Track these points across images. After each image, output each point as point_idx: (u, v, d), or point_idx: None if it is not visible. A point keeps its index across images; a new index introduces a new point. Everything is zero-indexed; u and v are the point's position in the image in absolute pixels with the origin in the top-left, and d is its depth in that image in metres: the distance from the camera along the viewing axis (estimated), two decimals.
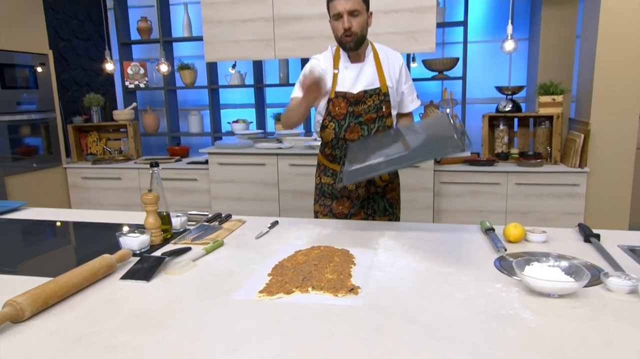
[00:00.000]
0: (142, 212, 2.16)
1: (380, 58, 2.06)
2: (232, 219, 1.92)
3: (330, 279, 1.28)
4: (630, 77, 3.15)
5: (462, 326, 1.03)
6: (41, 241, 1.88)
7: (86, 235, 1.93)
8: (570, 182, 3.27)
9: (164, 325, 1.08)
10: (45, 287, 1.18)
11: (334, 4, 1.91)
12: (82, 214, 2.19)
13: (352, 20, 1.90)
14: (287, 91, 4.75)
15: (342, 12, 1.89)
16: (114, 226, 1.94)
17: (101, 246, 1.71)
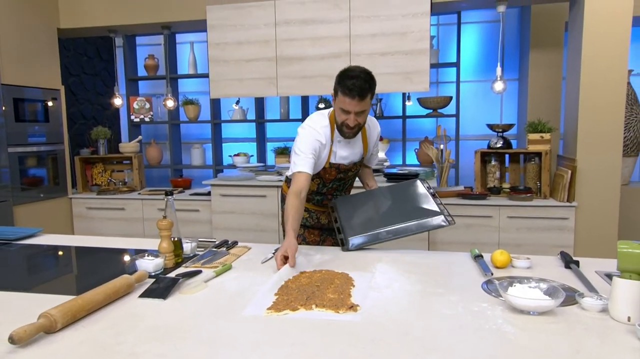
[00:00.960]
0: (148, 239, 2.31)
1: (367, 130, 2.24)
2: (238, 246, 2.05)
3: (332, 298, 1.41)
4: (612, 117, 3.34)
5: (449, 338, 1.16)
6: (58, 264, 2.00)
7: (99, 259, 2.05)
8: (560, 216, 3.42)
9: (182, 337, 1.20)
10: (75, 302, 1.30)
11: (344, 100, 1.97)
12: (94, 241, 2.30)
13: (358, 117, 2.01)
14: (287, 126, 4.97)
15: (350, 111, 1.99)
16: (123, 251, 2.06)
17: (113, 268, 1.83)
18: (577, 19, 3.46)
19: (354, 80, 1.95)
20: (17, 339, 1.13)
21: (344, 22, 3.63)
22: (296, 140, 2.14)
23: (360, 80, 1.95)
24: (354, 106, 1.97)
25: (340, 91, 1.99)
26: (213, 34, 3.90)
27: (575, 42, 3.51)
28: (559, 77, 4.24)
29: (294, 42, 3.74)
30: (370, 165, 2.43)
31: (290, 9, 3.71)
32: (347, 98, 1.96)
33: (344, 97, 1.97)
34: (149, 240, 2.30)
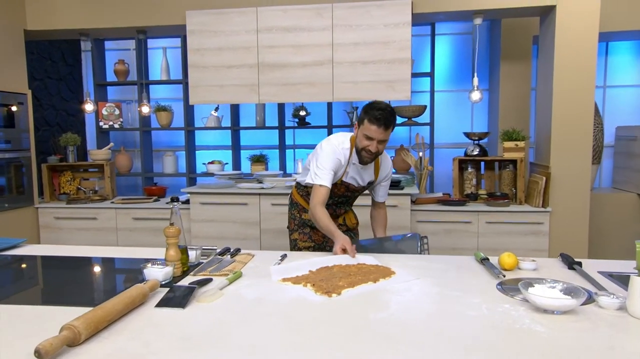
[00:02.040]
0: (139, 249, 2.24)
1: (380, 162, 2.44)
2: (241, 253, 2.02)
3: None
4: (581, 127, 3.51)
5: (486, 338, 1.18)
6: (58, 275, 1.90)
7: (98, 269, 1.97)
8: (535, 220, 3.55)
9: (216, 345, 1.16)
10: (95, 313, 1.24)
11: (370, 128, 2.16)
12: (84, 251, 2.21)
13: (379, 146, 2.21)
14: (264, 133, 4.94)
15: (374, 138, 2.17)
16: (124, 260, 1.98)
17: (117, 278, 1.76)
18: (548, 34, 3.63)
19: (381, 112, 2.15)
20: (44, 353, 1.07)
21: (327, 31, 3.65)
22: (319, 153, 2.32)
23: (386, 112, 2.16)
24: (378, 134, 2.16)
25: (367, 119, 2.18)
26: (193, 39, 3.83)
27: (546, 56, 3.68)
28: (527, 88, 4.42)
29: (276, 49, 3.73)
30: (379, 198, 2.57)
31: (272, 15, 3.71)
32: (373, 126, 2.15)
33: (370, 125, 2.16)
34: (140, 249, 2.23)
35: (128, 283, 1.73)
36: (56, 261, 2.04)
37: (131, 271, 1.93)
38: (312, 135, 5.01)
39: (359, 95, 3.67)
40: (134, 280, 1.67)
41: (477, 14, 3.67)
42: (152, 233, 4.02)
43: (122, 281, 1.85)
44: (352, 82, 3.66)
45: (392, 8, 3.56)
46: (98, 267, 2.00)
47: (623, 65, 4.70)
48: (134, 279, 1.70)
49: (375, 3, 3.58)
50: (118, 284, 1.81)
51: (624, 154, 4.48)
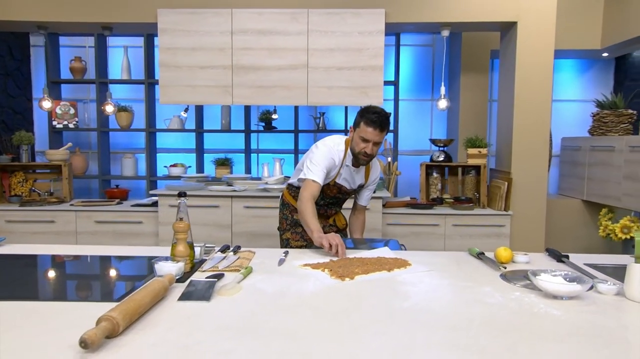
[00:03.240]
0: (126, 247, 2.17)
1: (370, 166, 2.52)
2: (242, 250, 2.01)
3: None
4: (539, 136, 3.77)
5: (514, 322, 1.26)
6: (62, 273, 1.81)
7: (99, 266, 1.90)
8: (497, 223, 3.75)
9: (257, 332, 1.17)
10: (128, 305, 1.21)
11: (367, 130, 2.23)
12: (62, 249, 2.11)
13: (374, 148, 2.28)
14: (229, 136, 4.90)
15: (370, 140, 2.24)
16: (124, 258, 1.92)
17: (128, 274, 1.71)
18: (509, 48, 3.88)
19: (377, 114, 2.24)
20: (90, 342, 1.04)
21: (302, 35, 3.71)
22: (314, 152, 2.37)
23: (382, 115, 2.24)
24: (374, 135, 2.23)
25: (363, 122, 2.25)
26: (164, 38, 3.76)
27: (507, 69, 3.92)
28: (485, 99, 4.68)
29: (251, 51, 3.73)
30: (362, 202, 2.65)
31: (247, 18, 3.71)
32: (369, 128, 2.22)
33: (367, 127, 2.23)
34: (126, 247, 2.16)
35: (136, 278, 1.68)
36: (46, 259, 1.94)
37: (133, 267, 1.87)
38: (276, 139, 5.03)
39: (333, 100, 3.75)
40: (142, 276, 1.63)
41: (444, 26, 3.85)
42: (115, 237, 3.88)
43: (134, 276, 1.80)
44: (326, 87, 3.73)
45: (366, 16, 3.67)
46: (103, 264, 1.93)
47: (566, 82, 5.09)
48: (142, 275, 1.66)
49: (350, 10, 3.68)
50: (126, 281, 1.75)
51: (569, 163, 4.83)
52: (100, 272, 1.87)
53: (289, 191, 2.66)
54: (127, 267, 1.93)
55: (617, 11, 4.50)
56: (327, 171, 2.34)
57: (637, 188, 4.06)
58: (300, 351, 1.08)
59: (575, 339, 1.15)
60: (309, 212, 2.20)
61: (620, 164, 4.26)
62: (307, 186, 2.29)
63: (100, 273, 1.87)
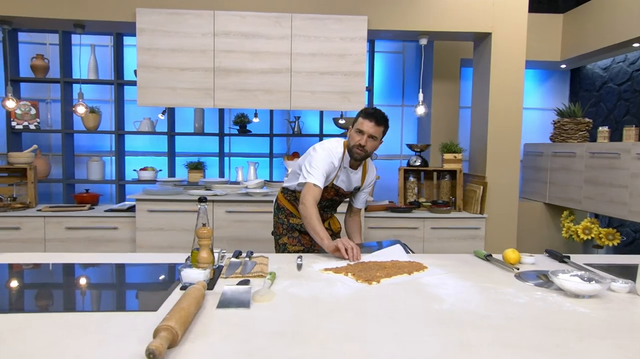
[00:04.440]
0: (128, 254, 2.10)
1: (367, 168, 2.55)
2: (255, 256, 1.99)
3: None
4: (512, 142, 3.96)
5: (552, 319, 1.33)
6: (76, 283, 1.72)
7: (115, 274, 1.82)
8: (473, 226, 3.90)
9: (314, 336, 1.17)
10: (180, 313, 1.18)
11: (363, 122, 2.30)
12: (55, 257, 2.01)
13: (369, 141, 2.31)
14: (200, 140, 4.81)
15: (365, 132, 2.29)
16: (138, 265, 1.86)
17: (148, 282, 1.65)
18: (483, 58, 4.04)
19: (373, 109, 2.35)
20: (158, 353, 1.01)
21: (285, 39, 3.70)
22: (313, 155, 2.37)
23: (380, 112, 2.34)
24: (369, 127, 2.29)
25: (361, 116, 2.34)
26: (143, 38, 3.65)
27: (481, 78, 4.08)
28: (456, 105, 4.85)
29: (233, 54, 3.69)
30: (358, 204, 2.67)
31: (229, 20, 3.67)
32: (366, 120, 2.30)
33: (363, 120, 2.31)
34: (128, 254, 2.08)
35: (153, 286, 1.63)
36: (57, 268, 1.84)
37: (148, 275, 1.81)
38: (249, 143, 4.98)
39: (315, 104, 3.77)
40: (162, 283, 1.59)
41: (422, 34, 3.97)
42: (88, 244, 3.71)
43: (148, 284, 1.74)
44: (309, 91, 3.74)
45: (349, 23, 3.72)
46: (115, 273, 1.85)
47: (527, 91, 5.35)
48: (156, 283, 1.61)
49: (333, 17, 3.72)
50: (150, 288, 1.70)
51: (532, 168, 5.08)
52: (116, 280, 1.80)
53: (284, 195, 2.65)
54: (141, 275, 1.87)
55: (575, 27, 4.80)
56: (327, 175, 2.36)
57: (597, 192, 4.33)
58: (367, 354, 1.09)
59: (617, 334, 1.22)
60: (315, 219, 2.20)
61: (581, 169, 4.52)
62: (309, 190, 2.29)
63: (117, 281, 1.80)
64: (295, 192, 2.54)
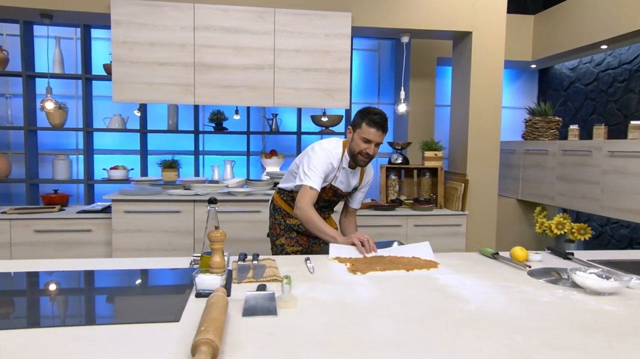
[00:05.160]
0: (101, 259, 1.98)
1: (364, 168, 2.51)
2: (261, 259, 1.91)
3: None
4: (492, 140, 4.02)
5: (583, 318, 1.33)
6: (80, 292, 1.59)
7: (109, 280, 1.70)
8: (454, 223, 3.94)
9: (361, 343, 1.12)
10: (213, 324, 1.10)
11: (369, 131, 2.23)
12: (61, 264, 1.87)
13: (375, 148, 2.28)
14: (174, 137, 4.65)
15: (372, 141, 2.25)
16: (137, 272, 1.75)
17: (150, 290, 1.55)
18: (463, 56, 4.09)
19: (378, 116, 2.25)
20: None
21: (269, 35, 3.62)
22: (311, 155, 2.32)
23: (383, 117, 2.27)
24: (377, 136, 2.25)
25: (365, 123, 2.25)
26: (118, 30, 3.47)
27: (461, 76, 4.13)
28: (432, 104, 4.89)
29: (215, 49, 3.57)
30: (354, 205, 2.63)
31: (211, 14, 3.54)
32: (372, 129, 2.24)
33: (369, 129, 2.24)
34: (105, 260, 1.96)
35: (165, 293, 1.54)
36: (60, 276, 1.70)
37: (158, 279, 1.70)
38: (224, 141, 4.85)
39: (299, 101, 3.70)
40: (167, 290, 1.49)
41: (404, 32, 3.97)
42: (60, 247, 3.51)
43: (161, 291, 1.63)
44: (293, 88, 3.67)
45: (333, 19, 3.67)
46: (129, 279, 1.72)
47: None
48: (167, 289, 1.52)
49: (317, 12, 3.66)
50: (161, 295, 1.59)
51: (504, 165, 5.19)
52: (121, 289, 1.68)
53: (280, 196, 2.58)
54: (145, 282, 1.76)
55: (546, 28, 4.93)
56: (325, 176, 2.33)
57: (569, 188, 4.46)
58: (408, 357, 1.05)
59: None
60: (318, 220, 2.23)
61: (554, 166, 4.65)
62: (306, 193, 2.27)
63: (122, 290, 1.68)
64: (292, 193, 2.48)
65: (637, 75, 4.44)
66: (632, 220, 3.78)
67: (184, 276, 1.73)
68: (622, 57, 4.61)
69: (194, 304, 1.40)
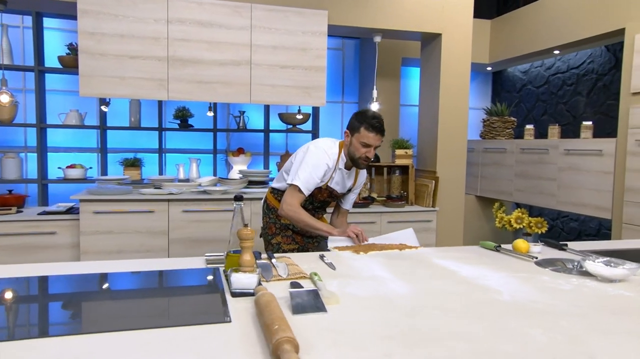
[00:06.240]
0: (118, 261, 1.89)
1: (359, 171, 2.56)
2: (277, 256, 1.88)
3: None
4: (459, 139, 4.17)
5: (608, 304, 1.41)
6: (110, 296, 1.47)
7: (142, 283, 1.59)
8: (426, 219, 4.05)
9: (426, 337, 1.13)
10: (283, 322, 1.07)
11: (369, 136, 2.25)
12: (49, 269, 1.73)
13: (374, 151, 2.32)
14: (134, 134, 4.46)
15: (372, 145, 2.28)
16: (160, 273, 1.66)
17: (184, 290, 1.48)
18: (432, 57, 4.21)
19: (377, 119, 2.28)
20: None
21: (245, 30, 3.55)
22: (305, 155, 2.33)
23: (381, 120, 2.30)
24: (376, 140, 2.29)
25: (364, 128, 2.27)
26: (85, 21, 3.27)
27: (430, 77, 4.25)
28: (397, 103, 5.00)
29: (189, 43, 3.46)
30: (347, 206, 2.67)
31: (185, 7, 3.42)
32: (372, 133, 2.26)
33: (369, 133, 2.26)
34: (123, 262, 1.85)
35: None
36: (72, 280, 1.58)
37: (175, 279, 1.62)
38: (188, 139, 4.71)
39: (276, 99, 3.66)
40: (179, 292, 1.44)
41: (376, 32, 4.03)
42: (19, 252, 3.27)
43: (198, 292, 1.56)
44: (270, 85, 3.63)
45: (310, 17, 3.66)
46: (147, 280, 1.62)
47: None
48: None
49: (293, 9, 3.63)
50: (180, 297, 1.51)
51: None
52: (147, 291, 1.59)
53: (274, 196, 2.57)
54: (169, 283, 1.67)
55: (503, 33, 5.18)
56: (320, 177, 2.33)
57: (527, 184, 4.72)
58: (490, 351, 1.07)
59: None
60: (309, 219, 2.30)
61: (512, 164, 4.90)
62: (294, 194, 2.31)
63: (148, 292, 1.58)
64: None
65: (584, 79, 4.76)
66: (586, 213, 4.06)
67: (201, 276, 1.67)
68: (570, 62, 4.93)
69: (235, 304, 1.35)
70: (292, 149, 4.81)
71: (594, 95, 4.63)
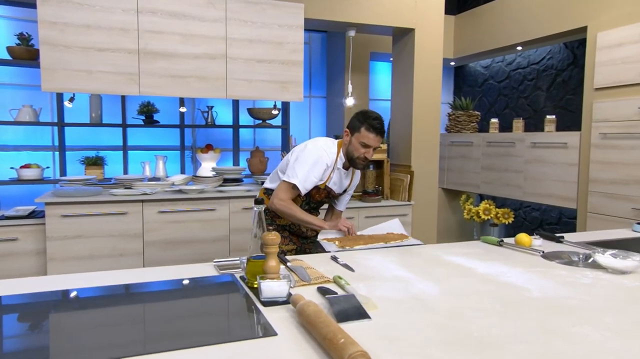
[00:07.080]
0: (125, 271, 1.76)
1: (354, 170, 2.53)
2: (291, 259, 1.81)
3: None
4: (432, 134, 4.22)
5: (630, 297, 1.45)
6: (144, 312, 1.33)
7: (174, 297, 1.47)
8: (402, 213, 4.07)
9: (480, 341, 1.11)
10: (346, 334, 1.02)
11: (369, 136, 2.24)
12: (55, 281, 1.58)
13: (373, 152, 2.32)
14: (93, 131, 4.21)
15: (372, 146, 2.27)
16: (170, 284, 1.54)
17: None
18: (404, 52, 4.22)
19: (377, 120, 2.27)
20: None
21: (220, 23, 3.40)
22: (303, 153, 2.29)
23: (381, 121, 2.29)
24: (376, 141, 2.28)
25: (364, 128, 2.25)
26: (45, 9, 3.02)
27: (403, 72, 4.26)
28: (366, 97, 5.00)
29: (161, 35, 3.27)
30: (341, 207, 2.63)
31: None
32: (372, 134, 2.25)
33: (369, 134, 2.25)
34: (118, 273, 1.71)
35: None
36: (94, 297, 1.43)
37: None
38: (151, 135, 4.50)
39: (253, 94, 3.55)
40: None
41: (350, 26, 3.99)
42: None
43: None
44: (246, 79, 3.51)
45: (286, 10, 3.57)
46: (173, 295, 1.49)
47: None
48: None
49: (269, 2, 3.53)
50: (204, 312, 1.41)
51: None
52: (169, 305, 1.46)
53: (268, 196, 2.49)
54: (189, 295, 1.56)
55: (467, 29, 5.29)
56: (316, 179, 2.29)
57: (494, 177, 4.85)
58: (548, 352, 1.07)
59: None
60: (300, 212, 2.29)
61: (479, 157, 5.03)
62: (288, 190, 2.28)
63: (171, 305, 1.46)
64: None
65: (544, 74, 4.95)
66: (553, 204, 4.22)
67: (220, 284, 1.57)
68: (530, 58, 5.11)
69: (270, 314, 1.28)
70: (261, 145, 4.70)
71: (554, 90, 4.82)
